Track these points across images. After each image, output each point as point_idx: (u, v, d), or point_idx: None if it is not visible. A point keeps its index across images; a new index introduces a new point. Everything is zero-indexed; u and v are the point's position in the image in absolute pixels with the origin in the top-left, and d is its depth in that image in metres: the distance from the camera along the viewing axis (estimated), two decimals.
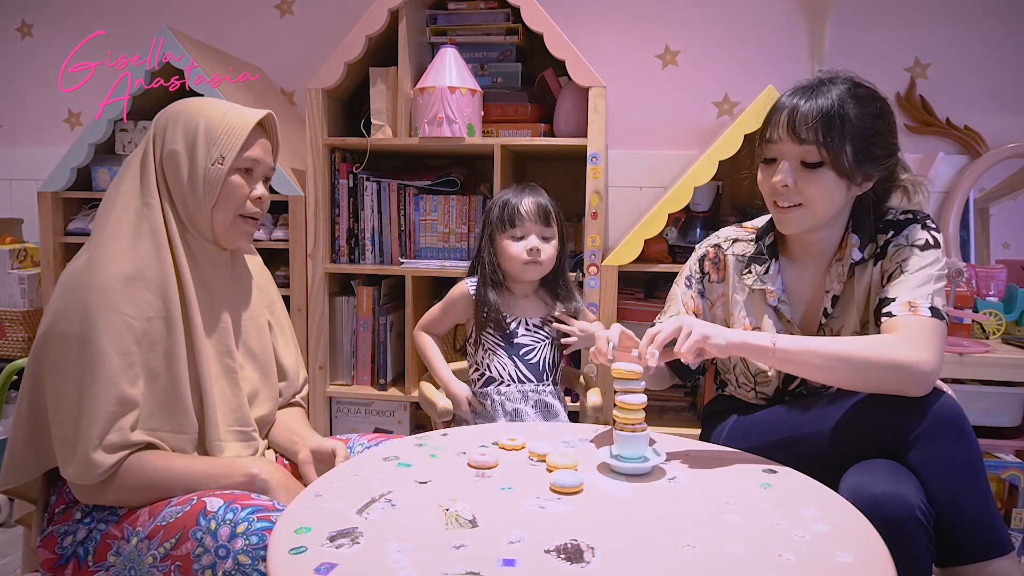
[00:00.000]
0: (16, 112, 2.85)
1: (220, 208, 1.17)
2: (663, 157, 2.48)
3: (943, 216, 2.34)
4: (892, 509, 1.00)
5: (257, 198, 1.21)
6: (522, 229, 1.58)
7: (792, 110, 1.19)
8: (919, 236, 1.23)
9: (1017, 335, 2.11)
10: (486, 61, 2.25)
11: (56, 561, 1.06)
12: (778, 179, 1.23)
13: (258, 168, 1.21)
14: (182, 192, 1.16)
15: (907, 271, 1.20)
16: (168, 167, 1.16)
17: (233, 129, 1.16)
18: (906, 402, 1.11)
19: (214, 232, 1.19)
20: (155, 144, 1.17)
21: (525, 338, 1.61)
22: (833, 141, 1.17)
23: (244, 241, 1.23)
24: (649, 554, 0.83)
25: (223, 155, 1.15)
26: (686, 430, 1.92)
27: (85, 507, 1.09)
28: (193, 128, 1.15)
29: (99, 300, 1.06)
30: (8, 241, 2.48)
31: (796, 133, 1.19)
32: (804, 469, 1.14)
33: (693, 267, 1.45)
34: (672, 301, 1.47)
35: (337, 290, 2.29)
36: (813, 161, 1.19)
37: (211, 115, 1.16)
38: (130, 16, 2.72)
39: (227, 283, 1.25)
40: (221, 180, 1.15)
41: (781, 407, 1.31)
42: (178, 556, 0.99)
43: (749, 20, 2.43)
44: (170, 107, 1.20)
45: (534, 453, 1.14)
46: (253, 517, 0.99)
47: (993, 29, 2.35)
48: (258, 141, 1.20)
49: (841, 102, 1.18)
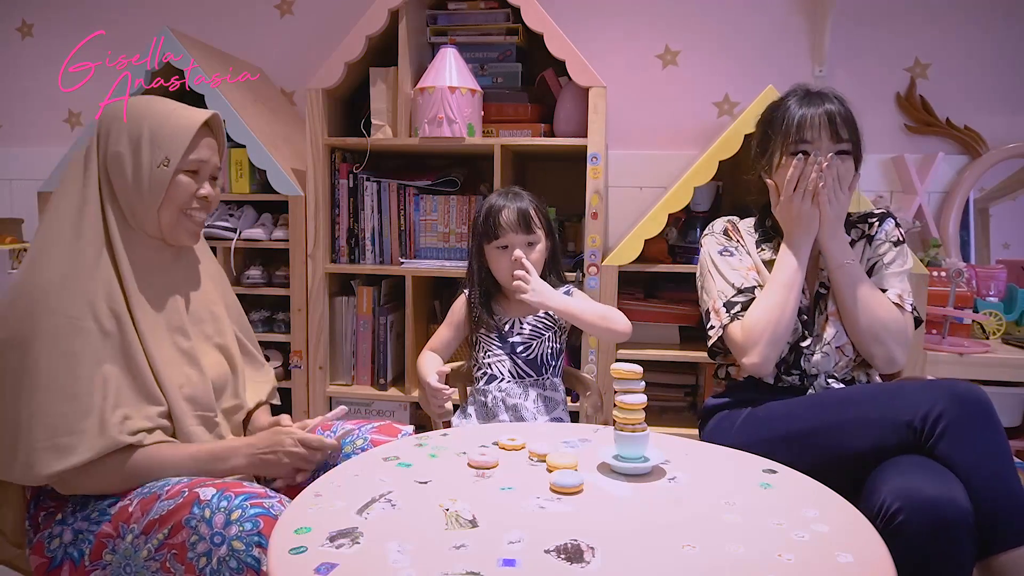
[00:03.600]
0: (16, 112, 2.86)
1: (165, 208, 1.18)
2: (663, 157, 2.48)
3: (943, 216, 2.34)
4: (946, 513, 1.02)
5: (203, 197, 1.22)
6: (506, 239, 1.58)
7: (826, 114, 1.38)
8: (892, 233, 1.48)
9: (1017, 335, 2.11)
10: (486, 61, 2.25)
11: (49, 564, 1.06)
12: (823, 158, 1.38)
13: (204, 168, 1.22)
14: (127, 192, 1.17)
15: (889, 265, 1.46)
16: (112, 168, 1.16)
17: (178, 131, 1.17)
18: (932, 390, 1.16)
19: (160, 230, 1.20)
20: (99, 144, 1.18)
21: (520, 336, 1.61)
22: (858, 141, 1.40)
23: (190, 239, 1.25)
24: (649, 554, 0.83)
25: (168, 157, 1.16)
26: (686, 430, 1.92)
27: (68, 508, 1.10)
28: (137, 130, 1.16)
29: (39, 303, 1.07)
30: (8, 241, 2.48)
31: (837, 132, 1.38)
32: (823, 463, 1.16)
33: (722, 240, 1.53)
34: (726, 279, 1.47)
35: (337, 290, 2.29)
36: (846, 150, 1.39)
37: (156, 117, 1.17)
38: (130, 16, 2.72)
39: (175, 276, 1.26)
40: (167, 182, 1.16)
41: (799, 399, 1.34)
42: (173, 545, 0.99)
43: (749, 20, 2.43)
44: (112, 106, 1.20)
45: (534, 453, 1.14)
46: (247, 504, 0.99)
47: (993, 29, 2.35)
48: (203, 141, 1.21)
49: (848, 112, 1.41)
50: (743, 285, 1.45)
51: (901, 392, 1.20)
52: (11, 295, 1.10)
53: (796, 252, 1.40)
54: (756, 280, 1.46)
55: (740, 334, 1.40)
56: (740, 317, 1.42)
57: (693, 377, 2.30)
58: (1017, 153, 2.29)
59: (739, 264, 1.48)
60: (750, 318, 1.39)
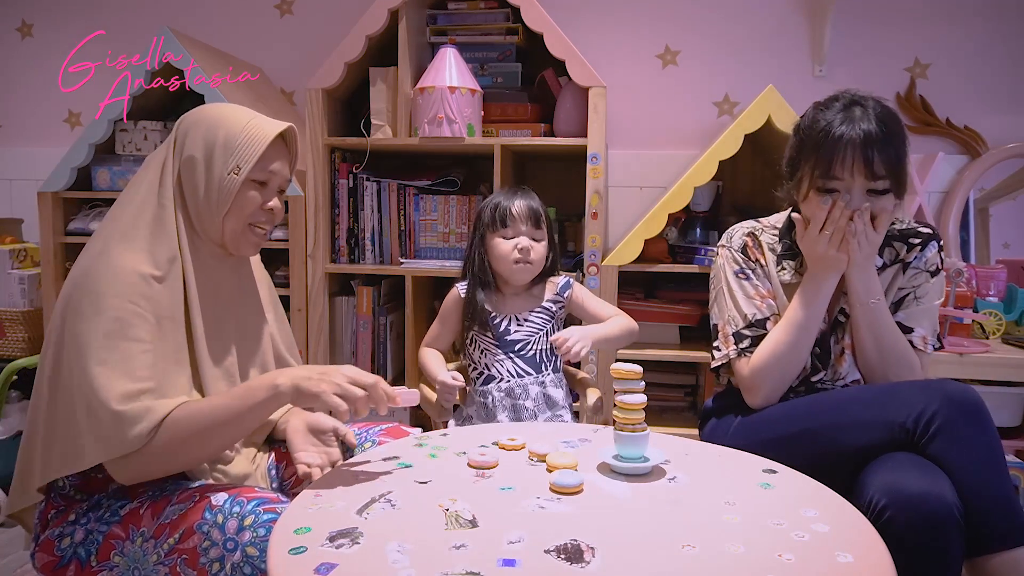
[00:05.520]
0: (16, 112, 2.85)
1: (231, 217, 1.17)
2: (663, 157, 2.48)
3: (943, 216, 2.34)
4: (932, 508, 1.01)
5: (269, 209, 1.21)
6: (513, 229, 1.59)
7: (863, 146, 1.23)
8: (933, 261, 1.37)
9: (1017, 335, 2.11)
10: (486, 61, 2.25)
11: (56, 563, 1.06)
12: (854, 208, 1.27)
13: (274, 180, 1.21)
14: (196, 197, 1.16)
15: (921, 300, 1.36)
16: (185, 172, 1.16)
17: (253, 140, 1.15)
18: (927, 391, 1.16)
19: (223, 238, 1.19)
20: (175, 147, 1.17)
21: (518, 333, 1.61)
22: (899, 173, 1.26)
23: (252, 249, 1.24)
24: (649, 554, 0.83)
25: (239, 165, 1.15)
26: (686, 430, 1.92)
27: (80, 508, 1.09)
28: (213, 136, 1.15)
29: (114, 287, 1.05)
30: (8, 241, 2.48)
31: (872, 171, 1.24)
32: (819, 463, 1.16)
33: (740, 259, 1.43)
34: (738, 307, 1.41)
35: (337, 290, 2.29)
36: (881, 189, 1.26)
37: (232, 124, 1.16)
38: (130, 16, 2.72)
39: (232, 286, 1.25)
40: (235, 190, 1.15)
41: (795, 401, 1.33)
42: (184, 550, 0.99)
43: (749, 20, 2.43)
44: (194, 111, 1.19)
45: (534, 453, 1.14)
46: (259, 509, 0.99)
47: (993, 29, 2.35)
48: (276, 153, 1.20)
49: (892, 134, 1.25)
50: (755, 317, 1.39)
51: (895, 393, 1.21)
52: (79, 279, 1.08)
53: (817, 291, 1.32)
54: (771, 309, 1.40)
55: (747, 373, 1.37)
56: (748, 354, 1.37)
57: (693, 377, 2.30)
58: (1017, 153, 2.29)
59: (754, 292, 1.41)
60: (758, 358, 1.35)
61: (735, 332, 1.40)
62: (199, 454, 1.08)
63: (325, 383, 1.03)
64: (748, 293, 1.41)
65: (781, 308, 1.40)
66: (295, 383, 1.04)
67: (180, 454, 1.04)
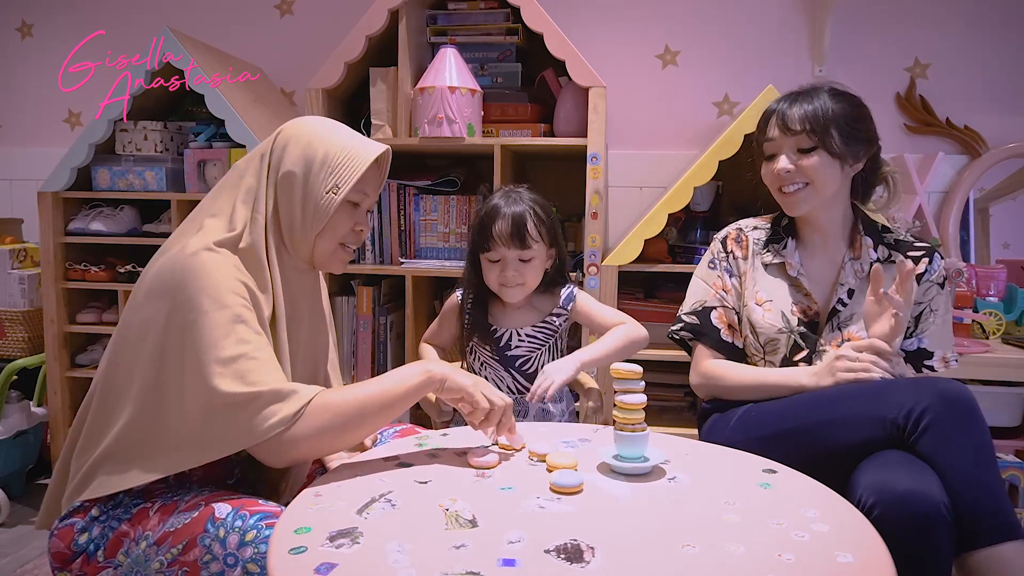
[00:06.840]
0: (16, 112, 2.85)
1: (324, 235, 1.17)
2: (663, 157, 2.48)
3: (943, 216, 2.34)
4: (919, 506, 1.02)
5: (359, 230, 1.22)
6: (497, 253, 1.49)
7: (781, 112, 1.40)
8: (941, 273, 1.43)
9: (1017, 335, 2.11)
10: (486, 61, 2.25)
11: (69, 556, 1.06)
12: (780, 166, 1.40)
13: (365, 201, 1.22)
14: (291, 214, 1.15)
15: (936, 313, 1.41)
16: (282, 187, 1.15)
17: (353, 161, 1.15)
18: (918, 389, 1.17)
19: (312, 256, 1.19)
20: (271, 159, 1.16)
21: (519, 348, 1.56)
22: (819, 127, 1.35)
23: (340, 268, 1.25)
24: (649, 554, 0.83)
25: (338, 185, 1.14)
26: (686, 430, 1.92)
27: (103, 505, 1.09)
28: (312, 153, 1.14)
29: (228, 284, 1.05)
30: (8, 241, 2.48)
31: (788, 127, 1.38)
32: (813, 459, 1.16)
33: (716, 249, 1.53)
34: (694, 292, 1.53)
35: (337, 290, 2.29)
36: (807, 147, 1.37)
37: (333, 143, 1.15)
38: (130, 16, 2.72)
39: (308, 302, 1.25)
40: (332, 209, 1.15)
41: (792, 398, 1.34)
42: (186, 562, 0.99)
43: (749, 20, 2.43)
44: (294, 125, 1.18)
45: (534, 453, 1.14)
46: (262, 524, 0.98)
47: (993, 29, 2.35)
48: (372, 175, 1.20)
49: (822, 98, 1.37)
50: (702, 304, 1.49)
51: (888, 390, 1.21)
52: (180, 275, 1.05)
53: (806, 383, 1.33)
54: (721, 301, 1.48)
55: (700, 370, 1.48)
56: (680, 336, 1.52)
57: None
58: (1017, 153, 2.29)
59: (714, 279, 1.50)
60: (720, 367, 1.45)
61: (680, 313, 1.53)
62: (353, 436, 1.08)
63: (471, 381, 1.12)
64: (707, 280, 1.51)
65: (744, 292, 1.47)
66: (445, 373, 1.11)
67: (334, 436, 1.06)
